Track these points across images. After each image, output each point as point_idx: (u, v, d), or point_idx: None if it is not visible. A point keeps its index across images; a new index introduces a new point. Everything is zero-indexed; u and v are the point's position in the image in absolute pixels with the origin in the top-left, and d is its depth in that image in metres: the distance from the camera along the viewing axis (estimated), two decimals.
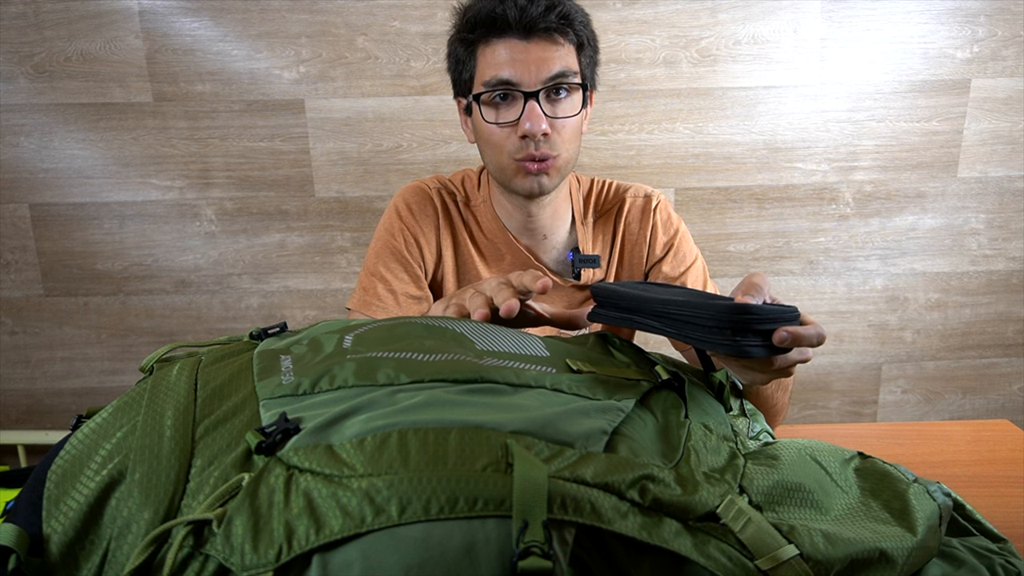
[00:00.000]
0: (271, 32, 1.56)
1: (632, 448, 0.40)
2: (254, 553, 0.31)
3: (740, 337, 0.49)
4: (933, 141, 1.67)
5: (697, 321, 0.50)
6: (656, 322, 0.53)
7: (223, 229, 1.67)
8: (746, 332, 0.49)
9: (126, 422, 0.40)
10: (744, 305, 0.49)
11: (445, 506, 0.32)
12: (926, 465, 0.83)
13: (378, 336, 0.50)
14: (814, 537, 0.38)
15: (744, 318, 0.49)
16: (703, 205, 1.70)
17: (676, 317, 0.52)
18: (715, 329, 0.49)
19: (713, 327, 0.49)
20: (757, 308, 0.49)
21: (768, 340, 0.50)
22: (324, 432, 0.37)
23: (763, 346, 0.50)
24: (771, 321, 0.49)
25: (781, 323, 0.50)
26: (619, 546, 0.35)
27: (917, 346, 1.81)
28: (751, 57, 1.61)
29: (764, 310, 0.50)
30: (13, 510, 0.36)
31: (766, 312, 0.50)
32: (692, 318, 0.51)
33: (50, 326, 1.70)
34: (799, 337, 0.50)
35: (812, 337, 0.50)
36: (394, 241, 0.95)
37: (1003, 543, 0.48)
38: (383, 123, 1.62)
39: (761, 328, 0.49)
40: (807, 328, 0.50)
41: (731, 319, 0.49)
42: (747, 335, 0.49)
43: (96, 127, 1.59)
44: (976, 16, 1.60)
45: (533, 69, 0.82)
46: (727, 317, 0.49)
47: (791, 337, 0.49)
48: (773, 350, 0.50)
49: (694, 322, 0.50)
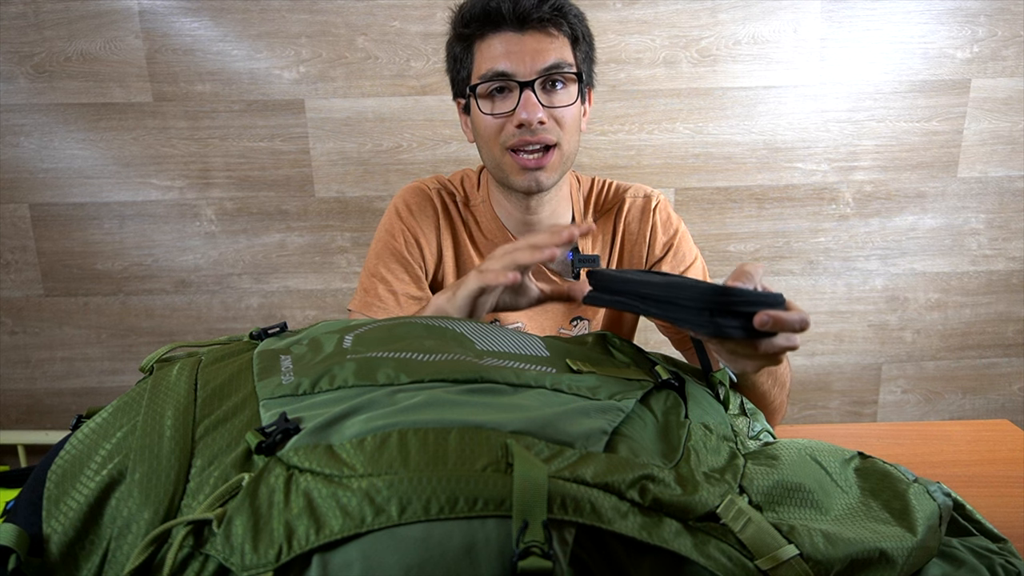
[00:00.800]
0: (271, 32, 1.56)
1: (632, 448, 0.40)
2: (254, 553, 0.31)
3: (720, 318, 0.50)
4: (933, 141, 1.67)
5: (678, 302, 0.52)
6: (641, 303, 0.55)
7: (223, 229, 1.67)
8: (725, 314, 0.50)
9: (126, 422, 0.40)
10: (725, 287, 0.51)
11: (445, 506, 0.32)
12: (926, 465, 0.83)
13: (378, 336, 0.50)
14: (814, 537, 0.38)
15: (723, 299, 0.50)
16: (703, 205, 1.70)
17: (659, 298, 0.54)
18: (695, 310, 0.51)
19: (693, 307, 0.51)
20: (737, 290, 0.51)
21: (749, 323, 0.50)
22: (324, 432, 0.37)
23: (742, 328, 0.51)
24: (751, 304, 0.50)
25: (762, 307, 0.50)
26: (619, 546, 0.35)
27: (917, 346, 1.81)
28: (751, 57, 1.61)
29: (745, 292, 0.51)
30: (13, 510, 0.37)
31: (747, 295, 0.51)
32: (675, 299, 0.52)
33: (50, 326, 1.70)
34: (780, 321, 0.50)
35: (794, 322, 0.50)
36: (394, 242, 0.95)
37: (1003, 543, 0.48)
38: (383, 123, 1.62)
39: (741, 310, 0.50)
40: (789, 313, 0.51)
41: (711, 300, 0.50)
42: (726, 316, 0.50)
43: (96, 127, 1.59)
44: (976, 16, 1.59)
45: (528, 60, 0.83)
46: (707, 298, 0.50)
47: (772, 320, 0.49)
48: (753, 333, 0.51)
49: (676, 303, 0.52)
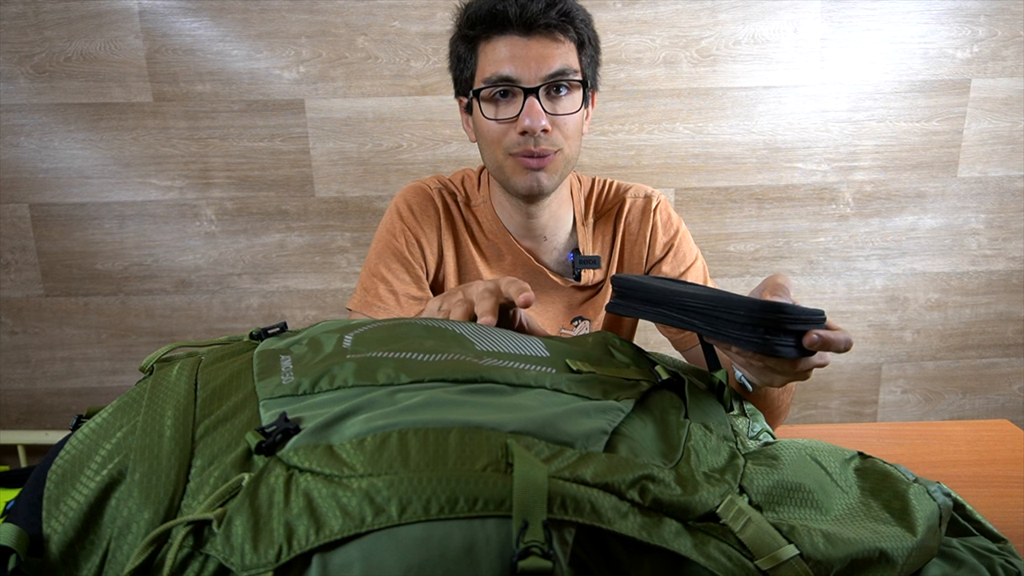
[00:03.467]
0: (271, 32, 1.56)
1: (632, 448, 0.40)
2: (254, 553, 0.31)
3: (771, 336, 0.49)
4: (933, 141, 1.67)
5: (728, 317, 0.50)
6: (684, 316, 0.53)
7: (223, 229, 1.67)
8: (778, 331, 0.49)
9: (126, 422, 0.40)
10: (779, 304, 0.49)
11: (445, 506, 0.32)
12: (926, 465, 0.83)
13: (378, 336, 0.50)
14: (814, 537, 0.38)
15: (778, 317, 0.49)
16: (703, 205, 1.70)
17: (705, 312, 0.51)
18: (748, 326, 0.49)
19: (745, 324, 0.49)
20: (790, 307, 0.49)
21: (798, 341, 0.50)
22: (324, 432, 0.37)
23: (794, 347, 0.50)
24: (803, 323, 0.49)
25: (811, 325, 0.50)
26: (619, 546, 0.35)
27: (917, 346, 1.81)
28: (751, 57, 1.61)
29: (797, 310, 0.49)
30: (13, 510, 0.36)
31: (798, 312, 0.49)
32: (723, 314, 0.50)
33: (50, 326, 1.70)
34: (829, 342, 0.49)
35: (841, 343, 0.50)
36: (395, 242, 0.95)
37: (1003, 543, 0.48)
38: (383, 123, 1.62)
39: (792, 328, 0.49)
40: (837, 333, 0.50)
41: (764, 317, 0.49)
42: (779, 334, 0.49)
43: (96, 127, 1.59)
44: (976, 16, 1.59)
45: (533, 66, 0.82)
46: (760, 315, 0.49)
47: (821, 341, 0.49)
48: (801, 351, 0.50)
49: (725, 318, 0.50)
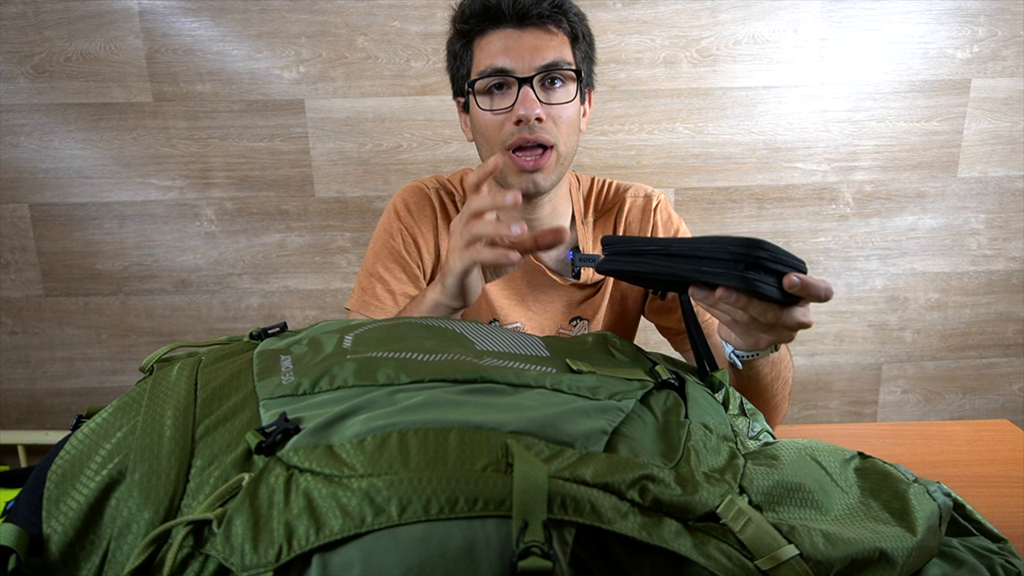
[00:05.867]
0: (271, 32, 1.56)
1: (632, 448, 0.40)
2: (254, 553, 0.31)
3: (752, 273, 0.50)
4: (933, 141, 1.67)
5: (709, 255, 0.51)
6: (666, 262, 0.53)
7: (223, 229, 1.67)
8: (758, 268, 0.50)
9: (126, 422, 0.40)
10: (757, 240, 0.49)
11: (445, 506, 0.32)
12: (926, 465, 0.83)
13: (378, 336, 0.50)
14: (814, 537, 0.38)
15: (757, 252, 0.49)
16: (703, 205, 1.70)
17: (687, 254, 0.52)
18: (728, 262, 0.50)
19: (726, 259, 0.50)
20: (770, 245, 0.50)
21: (779, 284, 0.50)
22: (324, 432, 0.37)
23: (775, 287, 0.50)
24: (783, 263, 0.50)
25: (791, 268, 0.50)
26: (619, 546, 0.35)
27: (917, 346, 1.81)
28: (751, 57, 1.60)
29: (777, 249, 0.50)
30: (13, 510, 0.36)
31: (779, 252, 0.50)
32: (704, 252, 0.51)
33: (50, 326, 1.70)
34: (808, 285, 0.50)
35: (820, 289, 0.51)
36: (392, 241, 0.95)
37: (1003, 543, 0.48)
38: (383, 123, 1.62)
39: (773, 267, 0.50)
40: (817, 279, 0.51)
41: (745, 252, 0.49)
42: (759, 272, 0.50)
43: (96, 127, 1.59)
44: (976, 16, 1.59)
45: (527, 56, 0.83)
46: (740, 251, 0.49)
47: (801, 284, 0.50)
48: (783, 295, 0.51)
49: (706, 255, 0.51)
